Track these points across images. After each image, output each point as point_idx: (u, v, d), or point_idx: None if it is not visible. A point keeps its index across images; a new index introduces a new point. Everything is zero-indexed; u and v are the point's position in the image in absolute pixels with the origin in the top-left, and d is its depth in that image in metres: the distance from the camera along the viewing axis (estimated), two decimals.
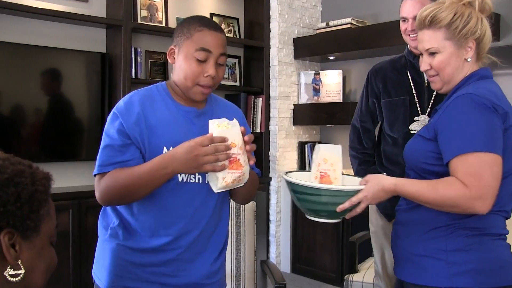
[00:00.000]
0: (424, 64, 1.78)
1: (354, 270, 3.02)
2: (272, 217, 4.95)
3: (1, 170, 0.92)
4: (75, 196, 3.75)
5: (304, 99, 5.01)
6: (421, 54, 1.81)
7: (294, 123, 5.02)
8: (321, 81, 4.88)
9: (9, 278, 0.90)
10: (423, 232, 1.70)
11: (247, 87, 5.02)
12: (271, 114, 4.95)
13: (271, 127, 4.95)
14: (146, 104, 1.72)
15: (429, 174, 1.69)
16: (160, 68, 4.44)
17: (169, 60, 1.77)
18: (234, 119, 1.59)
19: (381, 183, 1.68)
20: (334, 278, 4.45)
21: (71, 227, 3.70)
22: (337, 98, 4.80)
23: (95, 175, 1.71)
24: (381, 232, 2.58)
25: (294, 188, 1.72)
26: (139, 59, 4.16)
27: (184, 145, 1.55)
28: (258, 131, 4.92)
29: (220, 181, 1.55)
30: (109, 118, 1.74)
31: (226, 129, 1.53)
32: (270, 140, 4.95)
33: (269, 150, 4.96)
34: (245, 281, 2.55)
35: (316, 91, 4.92)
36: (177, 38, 1.75)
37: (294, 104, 5.02)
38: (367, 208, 2.70)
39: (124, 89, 3.97)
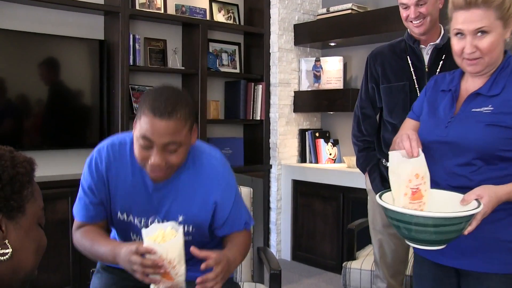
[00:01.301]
0: (470, 46, 1.65)
1: (353, 257, 3.00)
2: (272, 205, 4.93)
3: None
4: (74, 184, 3.72)
5: (304, 86, 4.98)
6: (457, 34, 1.69)
7: (295, 110, 4.99)
8: (321, 68, 4.84)
9: None
10: None
11: (247, 74, 4.98)
12: (271, 101, 4.92)
13: (271, 115, 4.92)
14: (112, 166, 1.76)
15: (500, 161, 1.64)
16: (159, 55, 4.41)
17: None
18: (180, 229, 1.55)
19: (496, 194, 1.57)
20: (334, 265, 4.44)
21: (70, 214, 3.70)
22: (338, 85, 4.76)
23: None
24: (379, 221, 2.56)
25: (403, 218, 1.53)
26: (137, 46, 4.13)
27: (124, 248, 1.58)
28: (258, 118, 4.89)
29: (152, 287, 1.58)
30: (85, 164, 1.82)
31: (160, 241, 1.53)
32: (271, 128, 4.93)
33: (269, 138, 4.93)
34: (241, 268, 2.54)
35: (317, 78, 4.88)
36: (138, 111, 1.68)
37: (294, 91, 4.99)
38: (366, 195, 2.70)
39: (122, 76, 3.95)
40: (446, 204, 1.63)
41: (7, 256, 0.94)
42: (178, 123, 1.61)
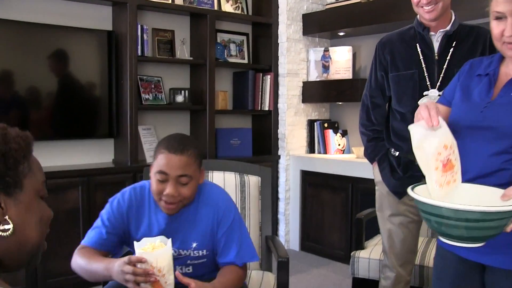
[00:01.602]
0: (511, 29, 1.57)
1: (361, 247, 3.00)
2: (281, 195, 4.94)
3: None
4: (84, 174, 3.76)
5: (313, 76, 4.96)
6: (496, 18, 1.61)
7: (303, 101, 4.97)
8: (330, 58, 4.82)
9: (0, 233, 0.95)
10: None
11: (255, 64, 4.97)
12: (279, 92, 4.91)
13: (280, 105, 4.91)
14: (133, 206, 2.00)
15: None
16: (167, 46, 4.41)
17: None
18: (168, 242, 1.75)
19: None
20: (342, 256, 4.44)
21: (80, 203, 3.72)
22: (347, 75, 4.74)
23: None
24: (388, 210, 2.55)
25: (442, 213, 1.43)
26: (145, 37, 4.13)
27: (117, 262, 1.73)
28: (266, 109, 4.89)
29: None
30: (108, 203, 2.03)
31: (150, 251, 1.70)
32: (279, 118, 4.92)
33: (277, 128, 4.93)
34: None
35: (326, 68, 4.86)
36: (154, 153, 1.95)
37: (303, 82, 4.97)
38: (374, 186, 2.69)
39: (131, 67, 3.96)
40: (480, 199, 1.53)
41: (9, 232, 0.96)
42: (189, 159, 1.88)
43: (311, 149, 5.03)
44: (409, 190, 1.58)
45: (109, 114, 4.06)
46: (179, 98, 4.38)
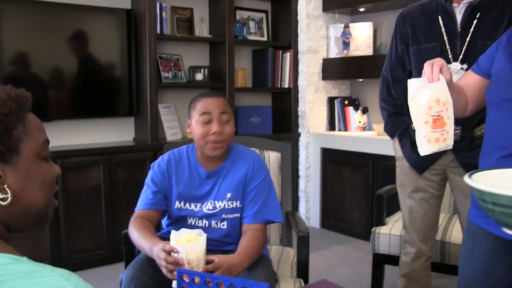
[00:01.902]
0: None
1: (382, 223, 2.99)
2: (301, 173, 4.93)
3: None
4: (105, 152, 3.80)
5: (333, 53, 4.91)
6: None
7: (323, 78, 4.94)
8: (350, 35, 4.77)
9: (0, 202, 0.92)
10: None
11: (274, 42, 4.94)
12: (299, 69, 4.88)
13: (300, 82, 4.88)
14: (172, 164, 2.15)
15: None
16: (186, 24, 4.39)
17: (187, 131, 2.18)
18: (203, 237, 1.77)
19: None
20: (363, 233, 4.44)
21: (102, 181, 3.76)
22: (367, 51, 4.69)
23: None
24: (408, 186, 2.53)
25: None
26: (164, 15, 4.12)
27: (157, 245, 1.83)
28: (286, 86, 4.86)
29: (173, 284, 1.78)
30: (150, 168, 2.20)
31: (185, 243, 1.75)
32: (299, 96, 4.90)
33: (297, 106, 4.91)
34: (270, 232, 2.56)
35: (346, 44, 4.81)
36: (189, 113, 2.14)
37: (323, 59, 4.93)
38: (394, 164, 2.67)
39: (150, 46, 3.96)
40: None
41: (8, 201, 0.92)
42: (225, 101, 2.12)
43: (331, 126, 5.00)
44: (466, 178, 1.41)
45: (129, 92, 4.08)
46: (199, 76, 4.38)
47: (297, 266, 2.23)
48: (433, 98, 1.53)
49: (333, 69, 4.86)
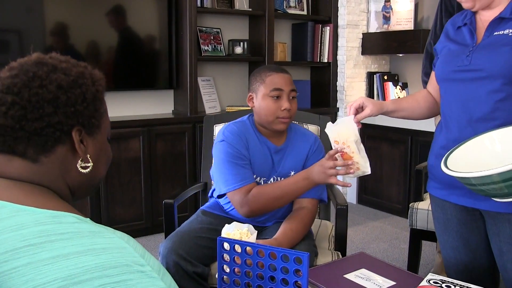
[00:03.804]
0: None
1: (420, 199, 2.98)
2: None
3: (67, 73, 0.97)
4: (145, 124, 3.86)
5: (373, 28, 4.85)
6: None
7: (363, 53, 4.89)
8: (391, 9, 4.70)
9: (81, 170, 1.00)
10: None
11: (314, 15, 4.90)
12: (339, 44, 4.84)
13: (339, 57, 4.85)
14: (245, 135, 2.12)
15: None
16: None
17: (249, 105, 2.16)
18: (254, 235, 1.75)
19: None
20: (400, 209, 4.43)
21: (141, 153, 3.84)
22: (408, 26, 4.61)
23: (224, 194, 2.09)
24: None
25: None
26: None
27: (316, 167, 1.93)
28: (325, 60, 4.84)
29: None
30: (219, 145, 2.10)
31: (237, 238, 1.71)
32: (338, 70, 4.87)
33: (336, 81, 4.88)
34: None
35: (386, 19, 4.74)
36: (253, 86, 2.14)
37: (363, 33, 4.87)
38: (432, 138, 2.64)
39: (190, 18, 3.98)
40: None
41: (88, 169, 1.00)
42: (291, 76, 2.15)
43: None
44: (443, 168, 1.50)
45: (169, 65, 4.12)
46: (238, 50, 4.39)
47: (335, 239, 2.24)
48: (332, 139, 1.81)
49: (373, 44, 4.80)
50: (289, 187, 1.98)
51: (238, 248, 1.50)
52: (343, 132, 1.77)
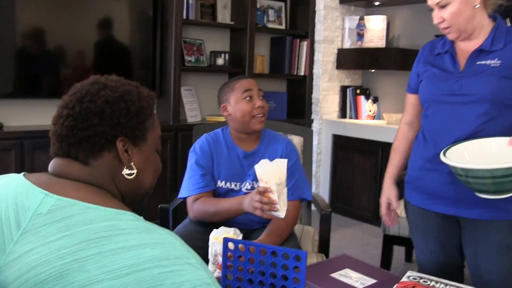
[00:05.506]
0: (436, 18, 1.83)
1: None
2: (313, 158, 5.08)
3: (114, 90, 1.14)
4: None
5: (348, 44, 5.09)
6: (431, 9, 1.85)
7: (337, 67, 5.12)
8: (365, 27, 4.94)
9: (126, 176, 1.14)
10: None
11: (292, 30, 5.11)
12: (315, 58, 5.06)
13: (315, 71, 5.07)
14: (212, 146, 2.30)
15: (508, 108, 1.80)
16: (209, 10, 4.55)
17: (224, 114, 2.29)
18: (239, 237, 1.86)
19: None
20: (370, 217, 4.65)
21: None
22: (380, 43, 4.86)
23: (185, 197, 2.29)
24: None
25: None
26: (190, 1, 4.28)
27: (244, 197, 2.02)
28: (302, 74, 5.05)
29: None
30: (190, 154, 2.33)
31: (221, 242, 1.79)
32: (313, 83, 5.08)
33: (311, 93, 5.09)
34: None
35: (360, 36, 4.98)
36: (224, 97, 2.29)
37: (338, 49, 5.11)
38: None
39: (176, 30, 4.12)
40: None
41: (133, 176, 1.14)
42: (255, 81, 2.31)
43: (343, 114, 5.19)
44: (442, 157, 1.76)
45: (152, 74, 4.25)
46: (220, 61, 4.55)
47: (319, 242, 2.43)
48: (259, 176, 1.86)
49: (347, 59, 5.04)
50: (224, 208, 2.13)
51: (242, 248, 1.67)
52: (269, 172, 1.85)
